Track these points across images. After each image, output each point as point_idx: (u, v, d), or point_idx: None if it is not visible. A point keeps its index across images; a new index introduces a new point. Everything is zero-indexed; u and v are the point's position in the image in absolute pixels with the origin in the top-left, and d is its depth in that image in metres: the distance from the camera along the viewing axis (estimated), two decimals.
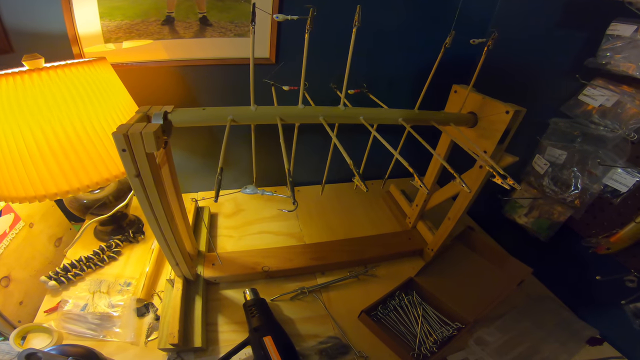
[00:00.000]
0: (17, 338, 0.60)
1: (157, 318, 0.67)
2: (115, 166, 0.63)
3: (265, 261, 0.77)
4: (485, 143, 0.61)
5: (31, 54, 0.57)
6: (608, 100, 0.61)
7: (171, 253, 0.60)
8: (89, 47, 0.73)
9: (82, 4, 0.68)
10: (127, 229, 0.84)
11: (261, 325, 0.62)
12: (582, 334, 0.70)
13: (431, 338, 0.66)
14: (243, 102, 0.52)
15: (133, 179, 0.46)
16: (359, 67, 0.92)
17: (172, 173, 0.58)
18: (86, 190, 0.60)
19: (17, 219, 0.73)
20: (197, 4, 0.75)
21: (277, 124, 0.50)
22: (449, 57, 0.77)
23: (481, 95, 0.61)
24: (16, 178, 0.56)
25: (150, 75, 0.82)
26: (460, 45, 0.70)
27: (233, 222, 0.95)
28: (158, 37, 0.77)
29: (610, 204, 0.64)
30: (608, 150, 0.62)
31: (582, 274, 0.75)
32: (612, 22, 0.60)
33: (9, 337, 0.59)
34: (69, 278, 0.71)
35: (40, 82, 0.54)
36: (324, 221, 0.97)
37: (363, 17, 0.44)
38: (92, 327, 0.63)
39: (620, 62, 0.58)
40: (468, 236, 0.80)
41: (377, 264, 0.83)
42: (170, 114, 0.48)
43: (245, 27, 0.80)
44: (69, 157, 0.57)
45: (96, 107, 0.60)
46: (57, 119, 0.56)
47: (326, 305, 0.72)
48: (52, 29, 0.70)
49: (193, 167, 1.02)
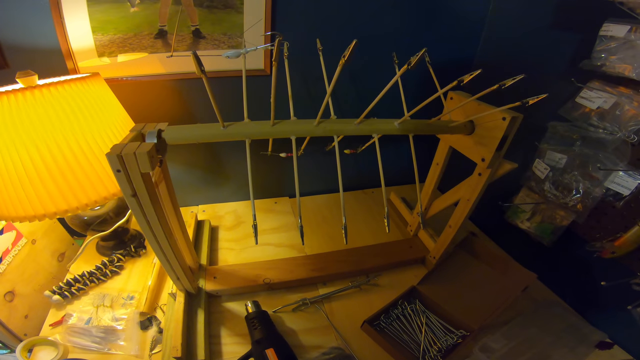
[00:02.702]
0: (24, 351, 0.61)
1: (160, 331, 0.67)
2: (113, 184, 0.63)
3: (266, 273, 0.76)
4: (483, 150, 0.60)
5: (25, 71, 0.58)
6: (605, 102, 0.60)
7: (171, 268, 0.60)
8: (82, 62, 0.74)
9: (74, 19, 0.69)
10: (129, 244, 0.84)
11: (263, 338, 0.62)
12: (591, 338, 0.68)
13: (435, 346, 0.65)
14: (239, 114, 0.52)
15: (130, 198, 0.46)
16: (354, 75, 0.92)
17: (169, 189, 0.58)
18: (85, 209, 0.60)
19: (19, 235, 0.74)
20: (189, 16, 0.75)
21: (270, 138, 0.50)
22: (446, 62, 0.77)
23: (477, 101, 0.60)
24: (15, 198, 0.56)
25: (144, 90, 0.82)
26: (456, 51, 0.71)
27: (234, 234, 0.94)
28: (152, 51, 0.77)
29: (613, 208, 0.63)
30: (608, 153, 0.61)
31: (589, 278, 0.73)
32: (605, 22, 0.59)
33: (16, 349, 0.60)
34: (72, 292, 0.72)
35: (33, 101, 0.54)
36: (325, 232, 0.97)
37: (353, 23, 0.44)
38: (96, 341, 0.64)
39: (616, 64, 0.57)
40: (470, 243, 0.79)
41: (379, 273, 0.82)
42: (164, 132, 0.48)
43: (238, 39, 0.80)
44: (67, 177, 0.58)
45: (91, 124, 0.60)
46: (53, 137, 0.56)
47: (328, 316, 0.72)
48: (45, 43, 0.70)
49: (192, 181, 1.02)
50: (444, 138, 0.73)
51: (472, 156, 0.64)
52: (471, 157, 0.64)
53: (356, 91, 0.96)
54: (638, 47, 0.54)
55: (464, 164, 0.68)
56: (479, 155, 0.62)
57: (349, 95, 0.96)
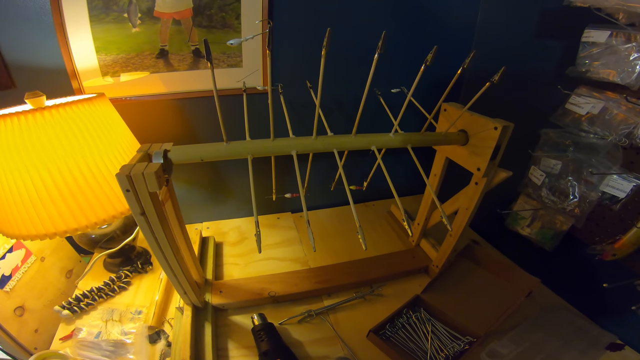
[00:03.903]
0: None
1: (168, 344, 0.67)
2: (121, 203, 0.65)
3: (271, 287, 0.77)
4: (478, 160, 0.62)
5: (33, 92, 0.60)
6: (594, 108, 0.61)
7: (179, 283, 0.62)
8: (87, 81, 0.76)
9: (78, 39, 0.71)
10: (136, 261, 0.86)
11: (270, 349, 0.63)
12: (601, 340, 0.68)
13: (442, 354, 0.65)
14: (239, 132, 0.54)
15: (138, 216, 0.48)
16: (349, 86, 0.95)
17: (175, 207, 0.60)
18: (94, 227, 0.62)
19: (28, 253, 0.76)
20: (188, 36, 0.78)
21: (272, 155, 0.52)
22: (438, 74, 0.79)
23: (469, 112, 0.62)
24: (26, 217, 0.58)
25: (148, 109, 0.84)
26: (448, 63, 0.73)
27: (238, 250, 0.96)
28: (154, 71, 0.80)
29: (610, 211, 0.64)
30: (601, 157, 0.62)
31: (593, 281, 0.74)
32: (586, 29, 0.60)
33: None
34: (81, 307, 0.73)
35: (43, 122, 0.56)
36: (328, 245, 0.97)
37: (347, 39, 0.46)
38: (106, 354, 0.65)
39: (600, 69, 0.58)
40: (472, 250, 0.80)
41: (382, 283, 0.83)
42: (169, 152, 0.50)
43: (237, 58, 0.83)
44: (76, 196, 0.60)
45: (99, 144, 0.62)
46: (62, 158, 0.58)
47: (334, 327, 0.72)
48: (51, 63, 0.72)
49: (196, 199, 1.04)
50: (440, 149, 0.75)
51: (468, 166, 0.65)
52: (467, 167, 0.65)
53: (346, 113, 0.98)
54: (620, 52, 0.55)
55: (461, 174, 0.70)
56: (474, 165, 0.63)
57: (340, 121, 0.99)
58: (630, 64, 0.54)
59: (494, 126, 0.56)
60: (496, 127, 0.56)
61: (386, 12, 0.88)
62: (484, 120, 0.58)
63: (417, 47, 0.93)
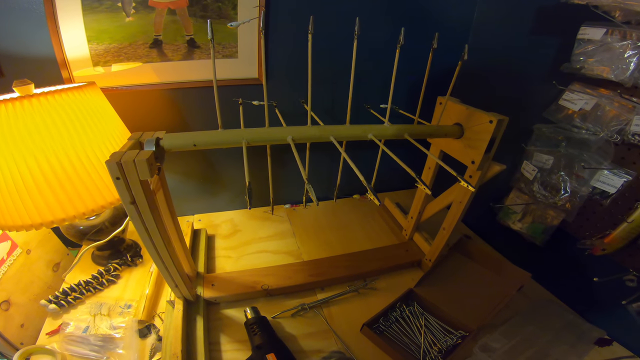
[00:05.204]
0: (21, 359, 0.60)
1: (159, 339, 0.66)
2: (110, 193, 0.63)
3: (264, 280, 0.77)
4: (473, 153, 0.62)
5: (21, 80, 0.58)
6: (587, 104, 0.62)
7: (170, 276, 0.61)
8: (77, 71, 0.75)
9: (70, 28, 0.70)
10: (125, 253, 0.84)
11: (264, 343, 0.62)
12: (590, 335, 0.69)
13: (435, 348, 0.66)
14: (235, 123, 0.53)
15: (128, 205, 0.47)
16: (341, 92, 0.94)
17: (166, 197, 0.59)
18: (82, 217, 0.61)
19: (14, 246, 0.74)
20: (183, 26, 0.77)
21: (267, 144, 0.52)
22: (434, 72, 0.80)
23: (465, 105, 0.62)
24: (12, 206, 0.56)
25: (140, 99, 0.83)
26: (444, 57, 0.73)
27: (230, 242, 0.95)
28: (147, 60, 0.78)
29: (600, 206, 0.65)
30: (592, 152, 0.63)
31: (582, 276, 0.75)
32: (582, 26, 0.61)
33: (12, 358, 0.59)
34: (69, 301, 0.72)
35: (31, 109, 0.54)
36: (321, 238, 0.97)
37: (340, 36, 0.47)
38: (95, 349, 0.63)
39: (594, 66, 0.59)
40: (465, 245, 0.80)
41: (376, 277, 0.83)
42: (162, 140, 0.49)
43: (232, 49, 0.82)
44: (63, 185, 0.58)
45: (88, 133, 0.61)
46: (50, 146, 0.56)
47: (328, 320, 0.72)
48: (41, 53, 0.71)
49: (188, 191, 1.02)
50: (435, 142, 0.75)
51: (462, 159, 0.65)
52: (461, 160, 0.66)
53: (341, 104, 0.98)
54: (615, 49, 0.56)
55: (455, 168, 0.70)
56: (468, 158, 0.63)
57: (337, 111, 0.99)
58: (625, 61, 0.55)
59: (489, 119, 0.56)
60: (491, 121, 0.56)
61: (381, 9, 0.88)
62: (479, 113, 0.59)
63: (411, 39, 0.94)
